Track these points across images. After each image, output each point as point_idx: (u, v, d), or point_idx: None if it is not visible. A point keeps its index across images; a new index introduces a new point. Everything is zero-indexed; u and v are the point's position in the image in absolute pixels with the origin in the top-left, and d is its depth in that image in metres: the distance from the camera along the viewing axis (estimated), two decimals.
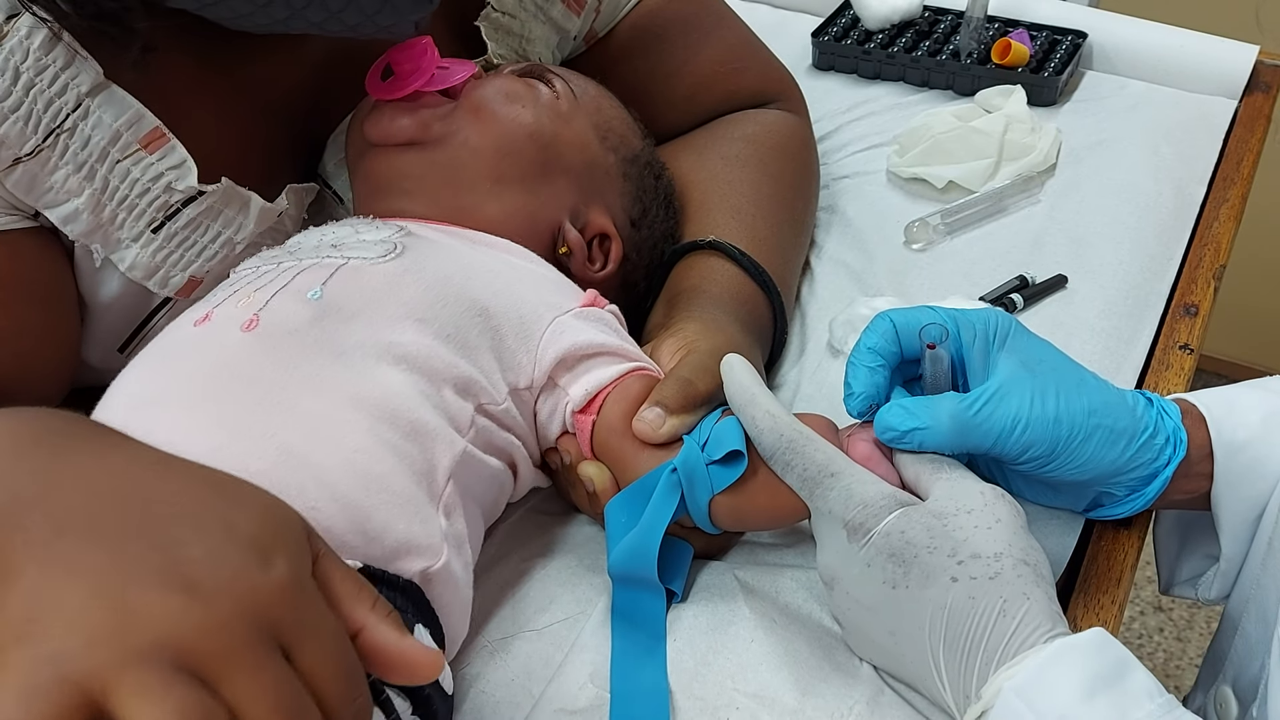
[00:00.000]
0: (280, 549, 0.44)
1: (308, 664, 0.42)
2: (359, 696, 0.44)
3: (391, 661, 0.46)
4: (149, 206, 0.68)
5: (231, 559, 0.43)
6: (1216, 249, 0.97)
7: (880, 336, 0.65)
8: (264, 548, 0.44)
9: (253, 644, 0.41)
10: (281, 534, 0.46)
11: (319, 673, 0.42)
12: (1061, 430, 0.62)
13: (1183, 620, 1.87)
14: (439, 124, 0.72)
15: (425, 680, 0.47)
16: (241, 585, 0.42)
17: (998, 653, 0.54)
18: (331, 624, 0.44)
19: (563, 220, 0.76)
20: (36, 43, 0.62)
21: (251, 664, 0.40)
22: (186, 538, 0.43)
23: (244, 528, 0.44)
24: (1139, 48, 1.18)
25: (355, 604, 0.46)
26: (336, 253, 0.66)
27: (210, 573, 0.42)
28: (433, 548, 0.58)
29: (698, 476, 0.64)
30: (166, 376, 0.60)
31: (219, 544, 0.43)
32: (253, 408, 0.57)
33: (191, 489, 0.46)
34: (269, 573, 0.43)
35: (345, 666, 0.44)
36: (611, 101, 0.82)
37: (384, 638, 0.46)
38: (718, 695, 0.62)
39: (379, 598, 0.47)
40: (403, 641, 0.46)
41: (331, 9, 0.65)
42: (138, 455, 0.49)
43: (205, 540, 0.43)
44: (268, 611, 0.42)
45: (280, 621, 0.42)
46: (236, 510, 0.45)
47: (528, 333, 0.67)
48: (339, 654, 0.44)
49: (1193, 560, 0.76)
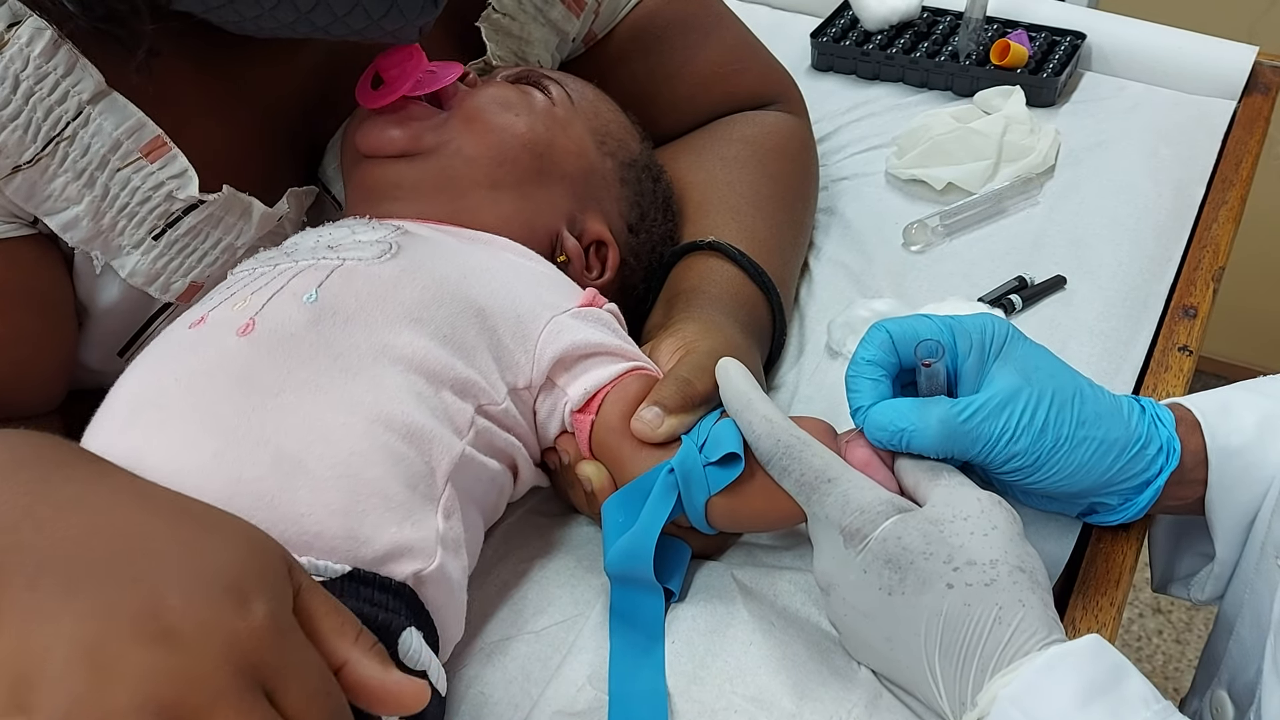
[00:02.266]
0: (260, 590, 0.45)
1: (292, 706, 0.43)
2: None
3: (376, 696, 0.46)
4: (150, 214, 0.68)
5: (211, 604, 0.43)
6: (1215, 250, 0.97)
7: (878, 348, 0.65)
8: (243, 590, 0.44)
9: (235, 691, 0.41)
10: (262, 573, 0.46)
11: (304, 715, 0.43)
12: (1047, 440, 0.62)
13: (1181, 623, 1.87)
14: (431, 135, 0.72)
15: (412, 711, 0.47)
16: (221, 631, 0.42)
17: (993, 660, 0.54)
18: (315, 663, 0.45)
19: (560, 228, 0.76)
20: (37, 50, 0.62)
21: (235, 712, 0.41)
22: (166, 582, 0.43)
23: (223, 568, 0.45)
24: (1138, 49, 1.18)
25: (338, 639, 0.46)
26: (333, 254, 0.66)
27: (189, 620, 0.42)
28: (426, 550, 0.58)
29: (694, 477, 0.64)
30: (164, 380, 0.60)
31: (197, 588, 0.43)
32: (249, 413, 0.57)
33: (171, 526, 0.47)
34: (248, 617, 0.43)
35: (330, 706, 0.44)
36: (609, 105, 0.82)
37: (368, 672, 0.46)
38: (716, 698, 0.62)
39: (362, 630, 0.48)
40: (387, 676, 0.46)
41: (337, 13, 0.65)
42: (118, 487, 0.49)
43: (183, 585, 0.43)
44: (249, 656, 0.42)
45: (262, 665, 0.42)
46: (217, 550, 0.46)
47: (525, 332, 0.67)
48: (323, 694, 0.44)
49: (1187, 559, 0.76)
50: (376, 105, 0.72)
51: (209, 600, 0.43)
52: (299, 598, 0.47)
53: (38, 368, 0.69)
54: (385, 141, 0.72)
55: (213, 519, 0.48)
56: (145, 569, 0.44)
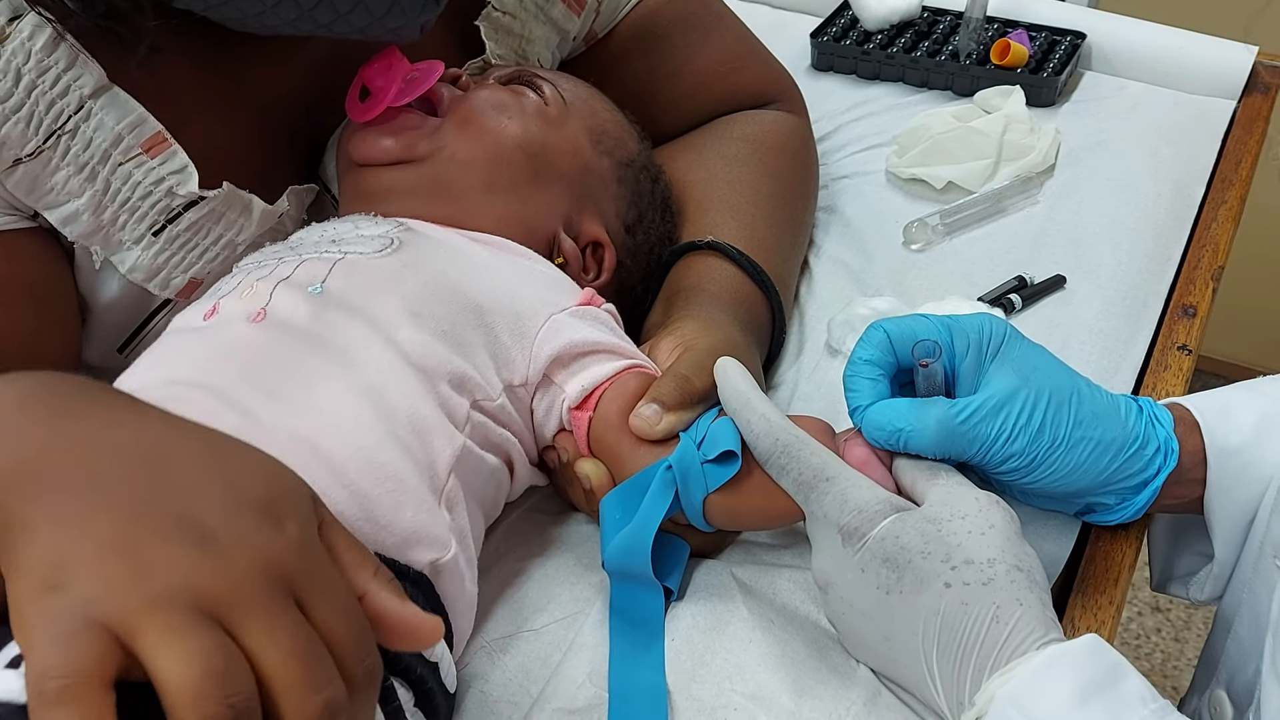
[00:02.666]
0: (290, 511, 0.45)
1: (321, 618, 0.43)
2: (368, 657, 0.44)
3: (393, 626, 0.46)
4: (150, 209, 0.68)
5: (244, 518, 0.44)
6: (1215, 250, 0.97)
7: (875, 348, 0.65)
8: (275, 509, 0.45)
9: (269, 594, 0.42)
10: (290, 497, 0.47)
11: (332, 627, 0.43)
12: (1044, 440, 0.62)
13: (1180, 621, 1.87)
14: (425, 142, 0.72)
15: (426, 645, 0.47)
16: (255, 542, 0.43)
17: (991, 659, 0.55)
18: (342, 584, 0.45)
19: (557, 229, 0.76)
20: (39, 44, 0.62)
21: (269, 612, 0.41)
22: (198, 498, 0.44)
23: (255, 490, 0.45)
24: (1138, 48, 1.18)
25: (358, 571, 0.47)
26: (336, 248, 0.66)
27: (224, 528, 0.43)
28: (441, 539, 0.58)
29: (692, 474, 0.64)
30: (178, 370, 0.60)
31: (231, 504, 0.44)
32: (261, 399, 0.58)
33: (201, 452, 0.47)
34: (280, 533, 0.44)
35: (357, 625, 0.45)
36: (605, 104, 0.82)
37: (386, 603, 0.46)
38: (715, 696, 0.62)
39: (380, 566, 0.48)
40: (404, 607, 0.47)
41: (339, 10, 0.65)
42: (147, 417, 0.49)
43: (217, 500, 0.44)
44: (281, 568, 0.43)
45: (293, 578, 0.43)
46: (246, 473, 0.47)
47: (523, 330, 0.67)
48: (351, 612, 0.45)
49: (1186, 558, 0.76)
50: (363, 119, 0.72)
51: (244, 514, 0.44)
52: (322, 530, 0.47)
53: (41, 361, 0.69)
54: (379, 151, 0.72)
55: (242, 448, 0.49)
56: (180, 482, 0.44)
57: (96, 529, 0.42)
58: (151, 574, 0.41)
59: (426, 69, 0.73)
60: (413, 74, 0.72)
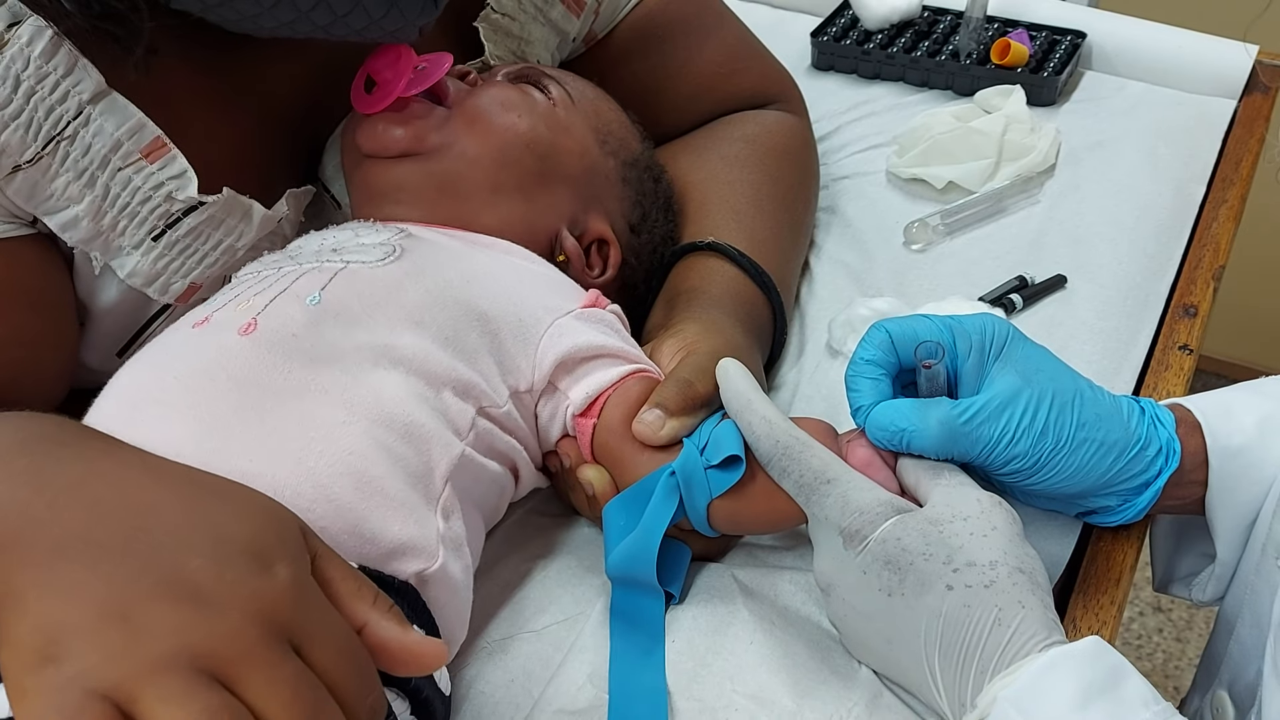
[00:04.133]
0: (279, 553, 0.45)
1: (320, 662, 0.43)
2: (372, 693, 0.44)
3: (396, 655, 0.46)
4: (150, 214, 0.68)
5: (233, 567, 0.43)
6: (1216, 249, 0.97)
7: (877, 348, 0.65)
8: (263, 553, 0.44)
9: (266, 645, 0.41)
10: (280, 537, 0.46)
11: (333, 670, 0.43)
12: (1047, 442, 0.62)
13: (1182, 621, 1.87)
14: (435, 134, 0.72)
15: (431, 670, 0.47)
16: (247, 592, 0.42)
17: (993, 661, 0.54)
18: (339, 622, 0.45)
19: (560, 228, 0.75)
20: (38, 50, 0.62)
21: (267, 664, 0.41)
22: (185, 550, 0.43)
23: (242, 534, 0.45)
24: (1138, 48, 1.18)
25: (356, 601, 0.47)
26: (336, 257, 0.66)
27: (213, 582, 0.42)
28: (428, 550, 0.58)
29: (696, 480, 0.64)
30: (163, 377, 0.60)
31: (218, 553, 0.43)
32: (246, 410, 0.57)
33: (184, 500, 0.46)
34: (272, 579, 0.43)
35: (357, 663, 0.44)
36: (610, 104, 0.82)
37: (387, 633, 0.46)
38: (716, 697, 0.62)
39: (379, 593, 0.48)
40: (406, 635, 0.46)
41: (337, 12, 0.65)
42: (127, 461, 0.49)
43: (204, 551, 0.43)
44: (276, 615, 0.42)
45: (289, 624, 0.43)
46: (232, 517, 0.46)
47: (527, 336, 0.67)
48: (350, 652, 0.44)
49: (1188, 559, 0.76)
50: (373, 110, 0.71)
51: (232, 564, 0.43)
52: (315, 563, 0.47)
53: (38, 367, 0.69)
54: (389, 141, 0.72)
55: (225, 488, 0.48)
56: (165, 538, 0.44)
57: (87, 596, 0.42)
58: (147, 638, 0.40)
59: (435, 60, 0.73)
60: (422, 65, 0.72)
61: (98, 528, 0.44)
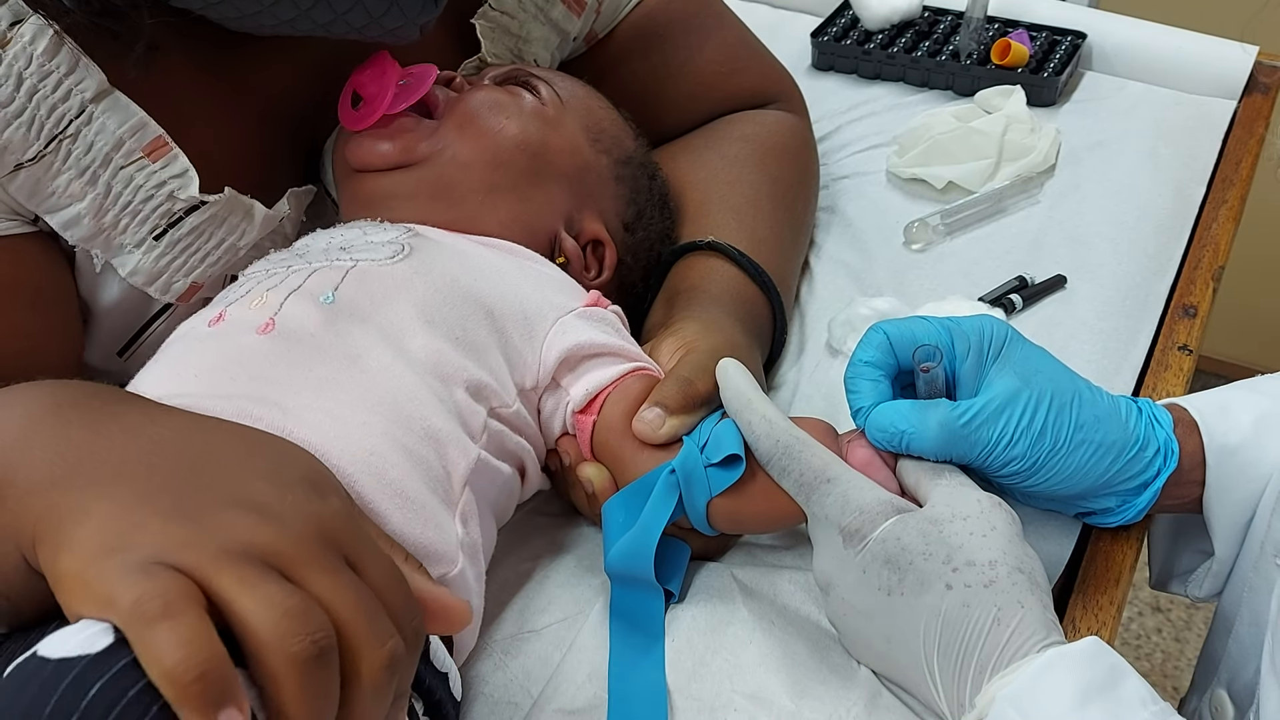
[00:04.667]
0: (334, 486, 0.48)
1: (373, 578, 0.45)
2: (415, 618, 0.46)
3: (427, 607, 0.47)
4: (151, 213, 0.68)
5: (293, 491, 0.46)
6: (1215, 249, 0.97)
7: (876, 350, 0.65)
8: (319, 484, 0.47)
9: (327, 554, 0.43)
10: (327, 476, 0.49)
11: (384, 586, 0.45)
12: (1045, 444, 0.62)
13: (1181, 621, 1.87)
14: (424, 144, 0.72)
15: (458, 628, 0.49)
16: (307, 510, 0.45)
17: (992, 661, 0.55)
18: (384, 555, 0.47)
19: (558, 228, 0.75)
20: (40, 48, 0.62)
21: (329, 570, 0.43)
22: (247, 478, 0.46)
23: (298, 469, 0.48)
24: (1138, 48, 1.18)
25: (391, 554, 0.49)
26: (346, 255, 0.66)
27: (276, 501, 0.44)
28: (449, 555, 0.58)
29: (696, 479, 0.64)
30: (184, 376, 0.60)
31: (278, 478, 0.46)
32: (270, 408, 0.57)
33: (240, 440, 0.49)
34: (328, 504, 0.46)
35: (405, 587, 0.46)
36: (601, 102, 0.82)
37: (418, 584, 0.48)
38: (715, 696, 0.62)
39: (408, 553, 0.50)
40: (435, 589, 0.48)
41: (338, 10, 0.65)
42: (180, 415, 0.51)
43: (265, 475, 0.46)
44: (333, 533, 0.45)
45: (345, 543, 0.45)
46: (287, 456, 0.49)
47: (533, 332, 0.67)
48: (397, 577, 0.46)
49: (1186, 556, 0.76)
50: (359, 127, 0.71)
51: (292, 489, 0.46)
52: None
53: (42, 365, 0.69)
54: (377, 156, 0.72)
55: (272, 436, 0.51)
56: (226, 467, 0.46)
57: (156, 503, 0.43)
58: (218, 532, 0.42)
59: (420, 73, 0.73)
60: (406, 79, 0.72)
61: (162, 460, 0.46)
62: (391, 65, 0.72)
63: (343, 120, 0.73)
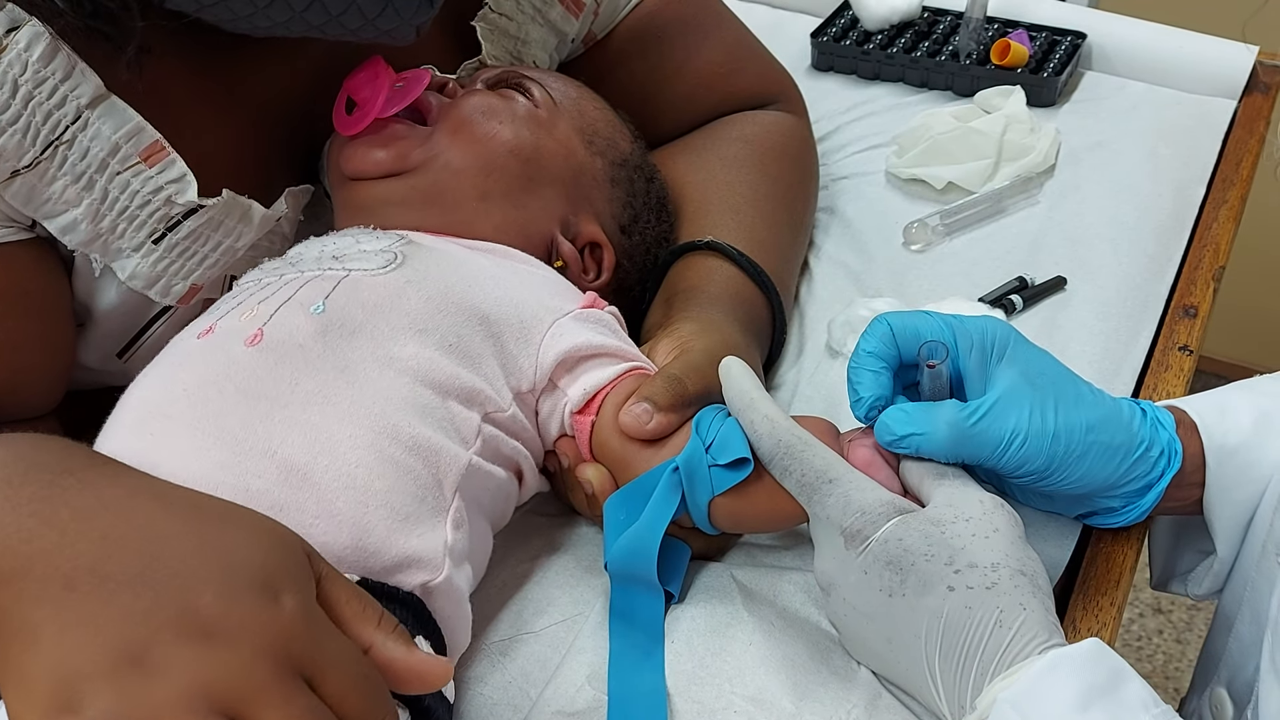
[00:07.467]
0: (286, 582, 0.46)
1: (332, 691, 0.44)
2: (386, 716, 0.45)
3: (401, 675, 0.47)
4: (149, 218, 0.68)
5: (241, 601, 0.44)
6: (1216, 250, 0.97)
7: (879, 340, 0.64)
8: (271, 583, 0.45)
9: (279, 678, 0.42)
10: (285, 564, 0.47)
11: (344, 698, 0.44)
12: (1059, 446, 0.62)
13: (1182, 623, 1.87)
14: (417, 151, 0.72)
15: (436, 688, 0.48)
16: (256, 626, 0.43)
17: (993, 663, 0.54)
18: (348, 648, 0.46)
19: (554, 232, 0.75)
20: (35, 55, 0.62)
21: (281, 699, 0.42)
22: (195, 583, 0.44)
23: (250, 564, 0.46)
24: (1138, 48, 1.18)
25: (362, 623, 0.48)
26: (338, 264, 0.66)
27: (224, 617, 0.43)
28: (434, 562, 0.58)
29: (699, 477, 0.64)
30: (173, 390, 0.60)
31: (227, 586, 0.44)
32: (255, 423, 0.57)
33: (192, 526, 0.47)
34: (280, 611, 0.44)
35: (369, 688, 0.45)
36: (596, 103, 0.81)
37: (392, 653, 0.47)
38: (715, 698, 0.62)
39: (384, 613, 0.49)
40: (411, 655, 0.47)
41: (332, 12, 0.65)
42: (135, 489, 0.49)
43: (213, 583, 0.44)
44: (286, 648, 0.43)
45: (299, 655, 0.44)
46: (240, 545, 0.47)
47: (528, 336, 0.67)
48: (360, 677, 0.45)
49: (1187, 556, 0.76)
50: (352, 131, 0.71)
51: (241, 597, 0.44)
52: (321, 585, 0.48)
53: (36, 371, 0.69)
54: (370, 164, 0.72)
55: (231, 514, 0.49)
56: (175, 570, 0.45)
57: (101, 637, 0.42)
58: (163, 681, 0.41)
59: (413, 78, 0.73)
60: (399, 83, 0.72)
61: (108, 561, 0.45)
62: (384, 69, 0.72)
63: (336, 125, 0.73)
